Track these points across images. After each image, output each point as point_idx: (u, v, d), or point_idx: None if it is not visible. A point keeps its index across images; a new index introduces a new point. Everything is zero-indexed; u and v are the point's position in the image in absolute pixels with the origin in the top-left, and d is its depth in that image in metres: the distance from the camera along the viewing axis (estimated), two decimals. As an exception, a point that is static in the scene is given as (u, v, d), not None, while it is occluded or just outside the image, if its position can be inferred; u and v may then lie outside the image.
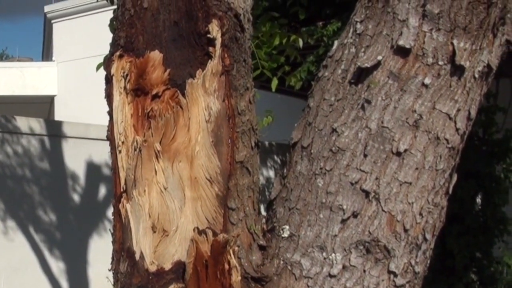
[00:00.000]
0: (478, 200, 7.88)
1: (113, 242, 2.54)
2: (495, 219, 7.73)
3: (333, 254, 2.40)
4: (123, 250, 2.46)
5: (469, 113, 2.43)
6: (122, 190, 2.46)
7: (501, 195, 7.75)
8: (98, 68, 5.61)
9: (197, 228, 2.34)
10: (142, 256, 2.39)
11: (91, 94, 14.82)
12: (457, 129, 2.41)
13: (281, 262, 2.47)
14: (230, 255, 2.32)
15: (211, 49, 2.40)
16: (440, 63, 2.35)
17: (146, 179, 2.39)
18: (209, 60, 2.40)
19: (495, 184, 7.78)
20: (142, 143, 2.38)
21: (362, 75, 2.41)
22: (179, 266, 2.37)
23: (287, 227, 2.48)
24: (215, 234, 2.32)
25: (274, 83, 5.73)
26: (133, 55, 2.45)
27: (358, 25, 2.46)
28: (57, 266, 8.28)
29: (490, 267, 7.79)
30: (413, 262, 2.45)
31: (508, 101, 8.07)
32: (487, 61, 2.40)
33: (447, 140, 2.40)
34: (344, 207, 2.39)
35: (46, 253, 8.18)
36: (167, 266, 2.38)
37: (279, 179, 2.61)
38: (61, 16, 18.20)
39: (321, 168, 2.43)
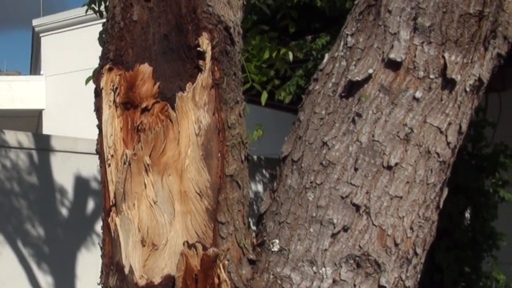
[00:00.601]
0: (467, 214, 7.88)
1: (102, 256, 2.52)
2: (484, 234, 7.73)
3: (323, 269, 2.38)
4: (112, 264, 2.44)
5: (460, 127, 2.42)
6: (111, 203, 2.45)
7: (490, 210, 7.76)
8: (87, 81, 5.61)
9: (187, 242, 2.32)
10: (131, 270, 2.37)
11: (79, 107, 14.88)
12: (448, 143, 2.40)
13: (271, 276, 2.45)
14: (220, 269, 2.30)
15: (201, 62, 2.39)
16: (431, 76, 2.34)
17: (136, 192, 2.38)
18: (199, 73, 2.39)
19: (484, 199, 7.78)
20: (131, 156, 2.37)
21: (353, 88, 2.40)
22: (169, 280, 2.36)
23: (277, 241, 2.46)
24: (205, 248, 2.30)
25: (264, 96, 5.71)
26: (123, 68, 2.44)
27: (349, 38, 2.45)
28: (46, 280, 8.24)
29: (479, 282, 7.77)
30: (403, 277, 2.43)
31: (497, 116, 8.09)
32: (478, 75, 2.39)
33: (438, 154, 2.39)
34: (335, 221, 2.37)
35: (35, 267, 8.14)
36: (157, 280, 2.36)
37: (269, 193, 2.59)
38: (49, 30, 18.21)
39: (311, 182, 2.42)
